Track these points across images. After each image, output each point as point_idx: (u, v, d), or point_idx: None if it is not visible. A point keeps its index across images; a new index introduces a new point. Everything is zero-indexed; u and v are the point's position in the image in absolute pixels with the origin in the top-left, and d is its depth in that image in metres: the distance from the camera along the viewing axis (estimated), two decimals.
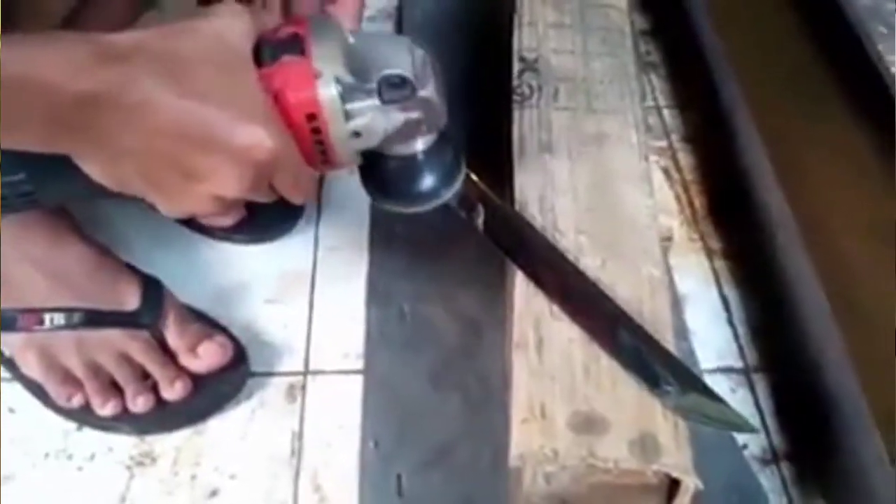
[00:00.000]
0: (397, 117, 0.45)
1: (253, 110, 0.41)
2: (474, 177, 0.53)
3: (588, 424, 0.45)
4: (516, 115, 0.60)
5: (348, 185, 0.77)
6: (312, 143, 0.44)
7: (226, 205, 0.44)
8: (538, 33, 0.66)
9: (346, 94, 0.43)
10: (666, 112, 0.85)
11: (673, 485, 0.45)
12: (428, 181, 0.49)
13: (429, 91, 0.45)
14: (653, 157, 0.80)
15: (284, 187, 0.45)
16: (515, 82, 0.63)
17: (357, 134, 0.44)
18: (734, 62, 0.78)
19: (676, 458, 0.44)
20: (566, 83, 0.63)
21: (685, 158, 0.81)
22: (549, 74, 0.63)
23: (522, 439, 0.45)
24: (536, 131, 0.59)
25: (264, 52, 0.43)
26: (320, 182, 0.78)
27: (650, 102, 0.86)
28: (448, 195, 0.50)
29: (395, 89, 0.44)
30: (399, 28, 0.91)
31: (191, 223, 0.72)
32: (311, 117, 0.43)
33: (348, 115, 0.43)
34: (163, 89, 0.39)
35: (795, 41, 0.84)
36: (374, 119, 0.44)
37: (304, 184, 0.46)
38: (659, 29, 0.94)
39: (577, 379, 0.47)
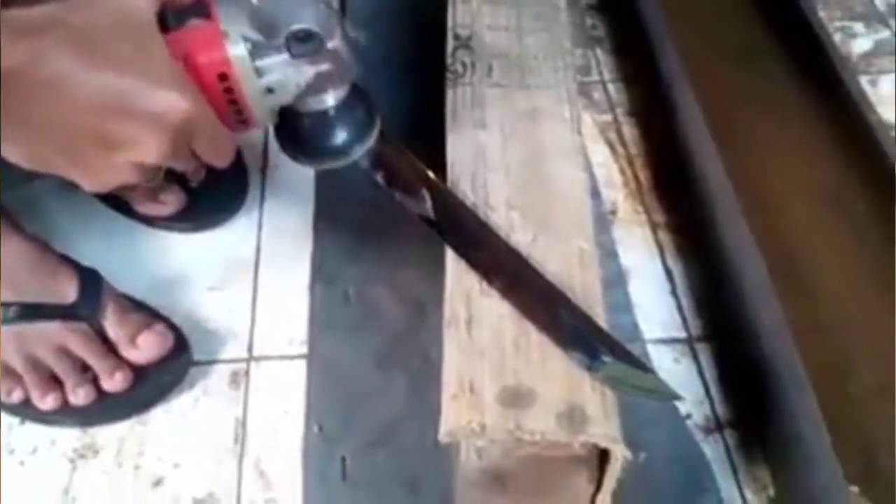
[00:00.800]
0: (308, 70, 0.45)
1: (165, 75, 0.42)
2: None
3: (516, 398, 0.45)
4: (450, 92, 0.60)
5: (291, 169, 0.75)
6: (226, 103, 0.45)
7: (147, 173, 0.44)
8: (472, 10, 0.66)
9: (255, 52, 0.44)
10: (611, 86, 0.85)
11: (604, 455, 0.45)
12: (341, 136, 0.50)
13: (336, 42, 0.46)
14: (597, 131, 0.81)
15: (204, 150, 0.45)
16: (449, 60, 0.62)
17: (270, 90, 0.45)
18: (675, 35, 0.78)
19: (604, 428, 0.44)
20: (499, 59, 0.62)
21: (630, 132, 0.81)
22: (482, 51, 0.63)
23: (452, 415, 0.45)
24: (469, 108, 0.59)
25: (169, 18, 0.43)
26: (263, 166, 0.77)
27: (595, 77, 0.86)
28: (361, 151, 0.51)
29: (303, 43, 0.45)
30: (343, 8, 0.91)
31: (131, 212, 0.72)
32: (223, 77, 0.44)
33: (259, 72, 0.44)
34: (75, 62, 0.40)
35: (737, 13, 0.84)
36: (285, 74, 0.45)
37: (222, 146, 0.46)
38: (604, 3, 0.94)
39: (507, 354, 0.47)
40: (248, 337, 0.66)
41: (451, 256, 0.52)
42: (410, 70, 0.74)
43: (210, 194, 0.72)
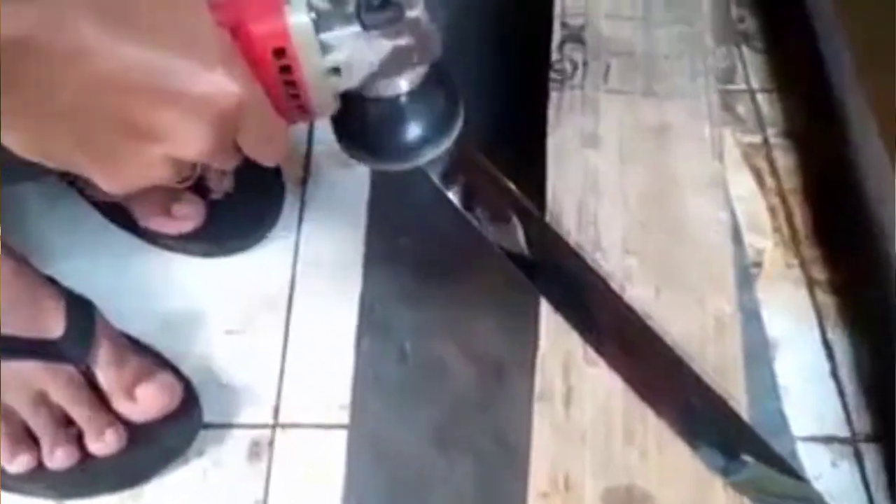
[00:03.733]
0: (383, 46, 0.47)
1: (209, 50, 0.43)
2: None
3: (627, 503, 0.46)
4: (553, 98, 0.62)
5: (340, 183, 0.79)
6: (282, 86, 0.46)
7: (183, 170, 0.46)
8: None
9: (321, 22, 0.45)
10: (760, 97, 0.86)
11: None
12: (413, 131, 0.51)
13: (418, 10, 0.47)
14: (741, 156, 0.81)
15: (252, 144, 0.47)
16: (555, 56, 0.64)
17: (336, 70, 0.47)
18: (849, 31, 0.78)
19: None
20: (620, 58, 0.64)
21: (784, 159, 0.82)
22: (598, 46, 0.65)
23: None
24: (579, 120, 0.61)
25: None
26: (304, 177, 0.80)
27: (740, 84, 0.87)
28: (434, 152, 0.52)
29: (379, 11, 0.46)
30: None
31: (135, 227, 0.74)
32: (280, 53, 0.45)
33: (324, 48, 0.46)
34: (101, 31, 0.41)
35: None
36: (355, 50, 0.46)
37: (275, 139, 0.48)
38: None
39: (615, 443, 0.48)
40: (275, 397, 0.68)
41: (545, 309, 0.54)
42: (502, 66, 0.76)
43: (235, 209, 0.74)
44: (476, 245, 0.56)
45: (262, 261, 0.75)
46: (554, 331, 0.53)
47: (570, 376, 0.50)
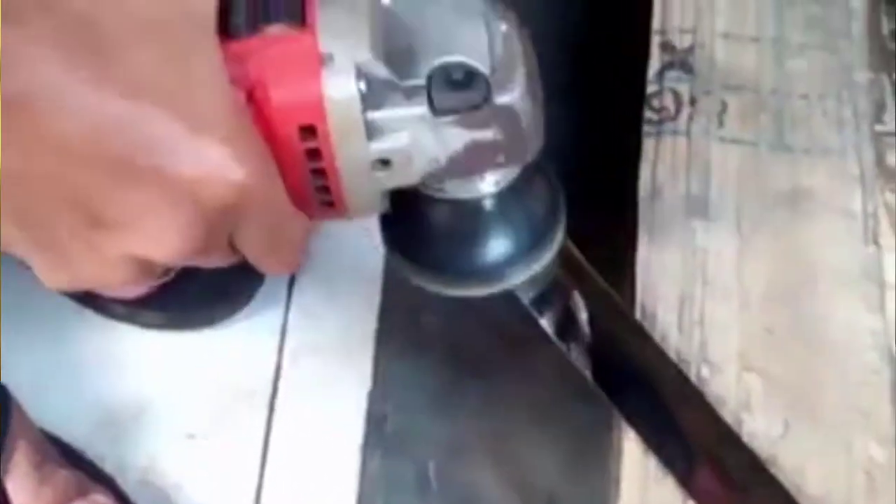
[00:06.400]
0: (457, 137, 0.45)
1: (213, 115, 0.41)
2: (575, 251, 0.54)
3: None
4: (649, 146, 0.61)
5: (346, 232, 0.77)
6: (307, 175, 0.45)
7: (152, 273, 0.44)
8: (697, 3, 0.67)
9: (373, 95, 0.44)
10: None
11: None
12: (496, 248, 0.50)
13: (514, 95, 0.45)
14: (891, 226, 0.80)
15: (254, 247, 0.45)
16: (652, 88, 0.63)
17: (384, 163, 0.45)
18: None
19: None
20: (741, 94, 0.63)
21: None
22: (711, 77, 0.64)
23: None
24: (683, 177, 0.60)
25: (236, 16, 0.44)
26: None
27: (890, 126, 0.86)
28: (526, 274, 0.51)
29: (458, 90, 0.45)
30: None
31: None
32: (308, 132, 0.43)
33: (372, 131, 0.44)
34: (70, 73, 0.40)
35: None
36: (416, 138, 0.45)
37: (287, 242, 0.46)
38: None
39: None
40: None
41: (630, 442, 0.52)
42: (577, 100, 0.75)
43: (205, 272, 0.73)
44: (528, 332, 0.55)
45: (239, 340, 0.75)
46: (641, 470, 0.51)
47: None
